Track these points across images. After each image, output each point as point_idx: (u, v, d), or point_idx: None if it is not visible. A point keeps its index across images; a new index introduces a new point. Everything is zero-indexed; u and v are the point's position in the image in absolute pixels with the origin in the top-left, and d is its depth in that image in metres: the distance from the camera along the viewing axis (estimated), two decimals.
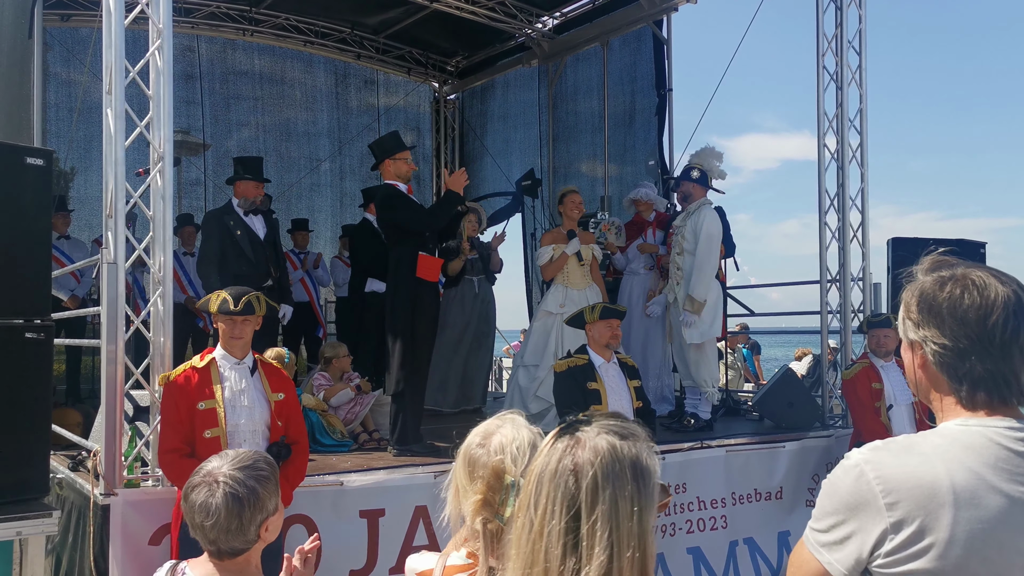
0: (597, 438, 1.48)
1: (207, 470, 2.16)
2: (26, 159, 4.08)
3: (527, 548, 1.45)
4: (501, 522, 1.96)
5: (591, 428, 1.50)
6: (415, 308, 5.75)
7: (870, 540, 1.55)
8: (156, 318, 4.70)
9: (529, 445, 2.02)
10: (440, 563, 2.08)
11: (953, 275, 1.67)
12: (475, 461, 2.02)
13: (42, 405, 4.12)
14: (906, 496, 1.54)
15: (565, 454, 1.47)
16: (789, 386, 7.35)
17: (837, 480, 1.62)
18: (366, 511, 5.02)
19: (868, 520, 1.56)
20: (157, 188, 4.72)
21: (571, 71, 11.04)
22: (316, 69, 11.71)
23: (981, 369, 1.62)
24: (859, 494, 1.57)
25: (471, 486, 2.01)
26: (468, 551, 2.06)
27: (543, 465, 1.48)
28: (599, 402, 4.99)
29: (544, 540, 1.43)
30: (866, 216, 7.49)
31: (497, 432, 2.05)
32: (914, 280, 1.72)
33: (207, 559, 2.18)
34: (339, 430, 6.15)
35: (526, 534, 1.46)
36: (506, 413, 2.11)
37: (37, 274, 4.18)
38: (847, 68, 7.40)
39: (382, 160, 6.02)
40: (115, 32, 4.59)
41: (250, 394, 4.42)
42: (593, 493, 1.43)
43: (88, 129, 9.69)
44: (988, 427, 1.61)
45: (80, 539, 4.73)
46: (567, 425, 1.51)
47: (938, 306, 1.65)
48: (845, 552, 1.58)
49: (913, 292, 1.70)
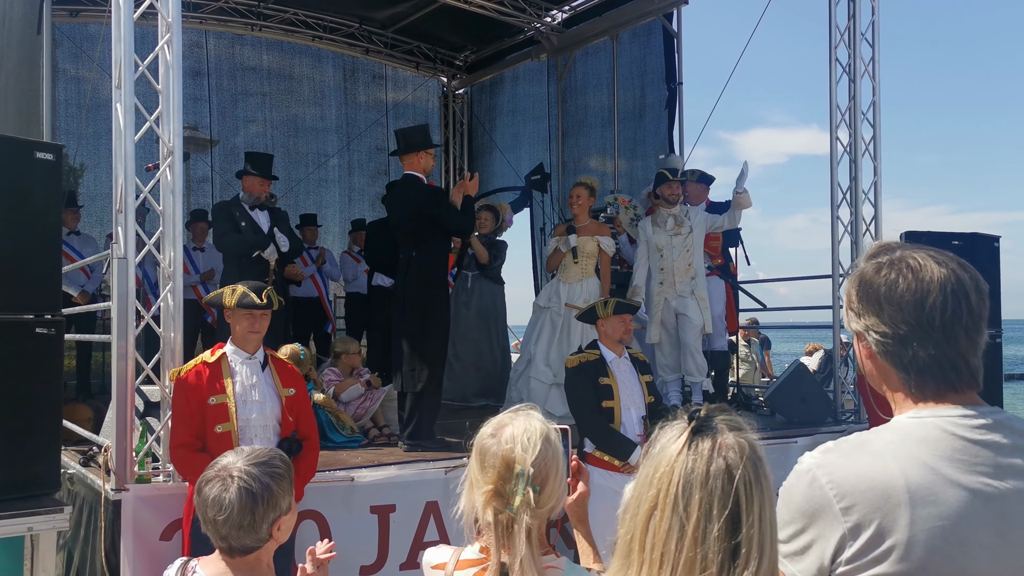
0: (732, 435, 1.43)
1: (222, 464, 2.13)
2: (36, 154, 4.06)
3: (678, 555, 1.38)
4: (512, 512, 1.95)
5: (720, 424, 1.44)
6: (434, 304, 5.74)
7: (830, 548, 1.48)
8: (166, 313, 4.69)
9: (540, 436, 2.00)
10: (454, 557, 2.07)
11: (890, 259, 1.59)
12: (486, 452, 2.01)
13: (52, 400, 4.10)
14: (860, 499, 1.46)
15: (714, 456, 1.40)
16: (801, 381, 7.30)
17: (791, 487, 1.54)
18: (377, 507, 5.00)
19: (825, 527, 1.48)
20: (167, 183, 4.70)
21: (580, 65, 11.00)
22: (324, 64, 11.69)
23: (924, 355, 1.54)
24: (813, 500, 1.49)
25: (483, 477, 2.00)
26: (481, 545, 2.05)
27: (688, 469, 1.40)
28: (611, 397, 4.96)
29: (701, 547, 1.36)
30: (879, 210, 7.43)
31: (510, 424, 2.04)
32: (856, 268, 1.65)
33: (218, 557, 2.16)
34: (349, 426, 6.13)
35: (675, 540, 1.38)
36: (521, 407, 2.09)
37: (47, 269, 4.16)
38: (860, 60, 7.34)
39: (414, 151, 5.96)
40: (124, 27, 4.57)
41: (261, 389, 4.41)
42: (749, 495, 1.38)
43: (97, 125, 9.70)
44: (941, 417, 1.53)
45: (91, 534, 4.72)
46: (700, 425, 1.44)
47: (875, 292, 1.57)
48: (807, 562, 1.50)
49: (853, 281, 1.63)
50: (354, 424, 6.20)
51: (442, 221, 5.86)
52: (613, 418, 4.96)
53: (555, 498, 2.00)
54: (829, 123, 7.41)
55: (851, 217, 7.38)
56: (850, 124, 7.36)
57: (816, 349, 12.56)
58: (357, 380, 6.55)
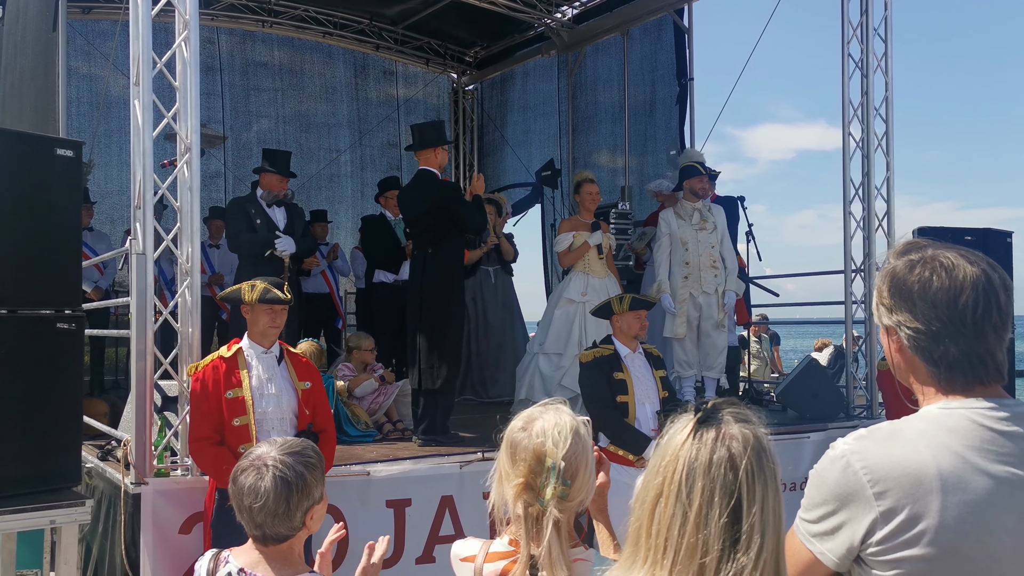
0: (738, 427, 1.48)
1: (256, 454, 2.17)
2: (56, 150, 4.09)
3: (680, 541, 1.44)
4: (542, 505, 1.98)
5: (726, 416, 1.50)
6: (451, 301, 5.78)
7: (860, 530, 1.55)
8: (184, 309, 4.72)
9: (571, 430, 2.03)
10: (483, 549, 2.09)
11: (922, 257, 1.65)
12: (517, 445, 2.04)
13: (74, 394, 4.14)
14: (894, 485, 1.54)
15: (717, 445, 1.46)
16: (813, 376, 7.31)
17: (824, 471, 1.61)
18: (392, 501, 5.03)
19: (857, 510, 1.56)
20: (184, 179, 4.73)
21: (591, 61, 11.00)
22: (335, 60, 11.71)
23: (956, 351, 1.61)
24: (846, 485, 1.57)
25: (513, 470, 2.03)
26: (510, 538, 2.07)
27: (692, 457, 1.46)
28: (625, 392, 4.98)
29: (702, 533, 1.42)
30: (891, 205, 7.43)
31: (540, 418, 2.07)
32: (886, 264, 1.71)
33: (251, 546, 2.19)
34: (364, 421, 6.17)
35: (678, 527, 1.44)
36: (550, 401, 2.12)
37: (68, 265, 4.19)
38: (872, 55, 7.33)
39: (429, 147, 5.99)
40: (142, 23, 4.60)
41: (277, 382, 4.46)
42: (751, 484, 1.44)
43: (108, 122, 9.74)
44: (969, 408, 1.60)
45: (110, 528, 4.76)
46: (705, 416, 1.50)
47: (908, 290, 1.63)
48: (836, 542, 1.58)
49: (884, 277, 1.69)
50: (368, 419, 6.23)
51: (458, 218, 5.88)
52: (627, 413, 4.98)
53: (585, 491, 2.03)
54: (841, 119, 7.41)
55: (863, 213, 7.38)
56: (862, 120, 7.35)
57: (825, 345, 12.54)
58: (371, 375, 6.58)
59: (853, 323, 7.60)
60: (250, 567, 2.16)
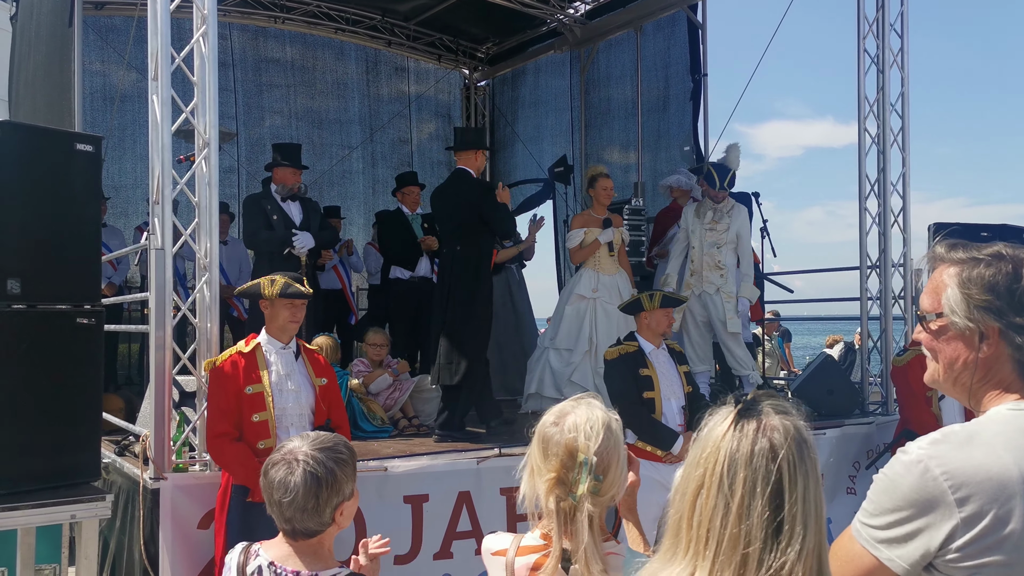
0: (778, 418, 1.48)
1: (288, 448, 2.17)
2: (76, 145, 4.09)
3: (723, 532, 1.43)
4: (574, 500, 1.98)
5: (766, 407, 1.49)
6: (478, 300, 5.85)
7: (939, 536, 1.51)
8: (202, 304, 4.73)
9: (603, 425, 2.03)
10: (515, 543, 2.09)
11: (999, 255, 1.64)
12: (549, 440, 2.04)
13: (93, 390, 4.15)
14: (977, 490, 1.50)
15: (759, 436, 1.45)
16: (828, 373, 7.29)
17: (897, 476, 1.57)
18: (410, 496, 5.03)
19: (937, 517, 1.51)
20: (202, 175, 4.74)
21: (603, 57, 10.96)
22: (347, 56, 11.69)
23: None
24: (925, 490, 1.53)
25: (545, 464, 2.03)
26: (542, 532, 2.07)
27: (733, 448, 1.46)
28: (651, 388, 4.97)
29: (744, 523, 1.42)
30: (907, 201, 7.40)
31: (572, 412, 2.06)
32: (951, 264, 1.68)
33: (282, 540, 2.19)
34: (380, 416, 6.17)
35: (720, 517, 1.44)
36: (582, 396, 2.11)
37: (87, 260, 4.20)
38: (889, 51, 7.30)
39: (471, 148, 6.21)
40: (161, 19, 4.60)
41: (295, 378, 4.46)
42: (792, 474, 1.43)
43: (122, 117, 9.74)
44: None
45: (128, 523, 4.77)
46: (745, 407, 1.49)
47: (1020, 292, 1.61)
48: (909, 548, 1.54)
49: (973, 276, 1.65)
50: (384, 415, 6.23)
51: (491, 220, 5.96)
52: (654, 408, 4.97)
53: (616, 486, 2.03)
54: (857, 114, 7.38)
55: (879, 209, 7.35)
56: (878, 115, 7.33)
57: (836, 341, 12.52)
58: (385, 370, 6.58)
59: (869, 319, 7.56)
60: (280, 560, 2.16)
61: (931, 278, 1.73)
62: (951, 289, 1.66)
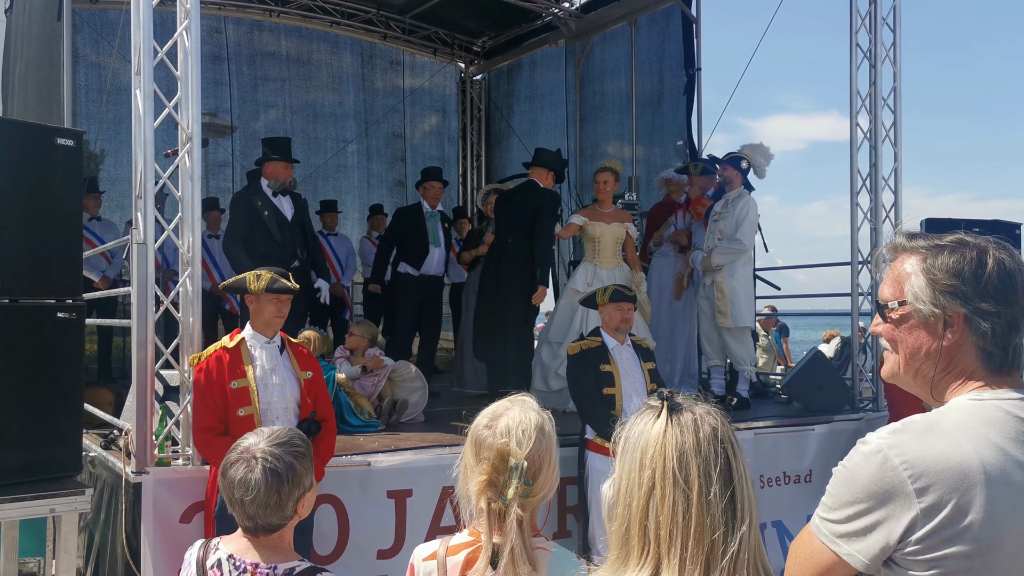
0: (702, 408, 1.52)
1: (244, 446, 2.18)
2: (56, 140, 4.10)
3: (687, 526, 1.44)
4: (504, 503, 1.99)
5: (686, 401, 1.53)
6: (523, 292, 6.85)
7: (898, 528, 1.49)
8: (185, 299, 4.73)
9: (536, 428, 2.04)
10: (443, 544, 2.11)
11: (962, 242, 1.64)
12: (481, 442, 2.05)
13: (74, 384, 4.16)
14: (936, 480, 1.48)
15: (699, 425, 1.49)
16: (818, 368, 7.28)
17: (856, 467, 1.55)
18: (394, 491, 5.03)
19: (896, 508, 1.49)
20: (186, 169, 4.73)
21: (598, 51, 10.95)
22: (342, 50, 11.68)
23: (1017, 339, 1.60)
24: (884, 481, 1.50)
25: (477, 467, 2.04)
26: (470, 531, 2.08)
27: (680, 442, 1.47)
28: (612, 384, 4.96)
29: (708, 512, 1.43)
30: (899, 197, 7.38)
31: (505, 414, 2.07)
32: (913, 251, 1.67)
33: (241, 535, 2.20)
34: (367, 411, 6.16)
35: (682, 513, 1.44)
36: (517, 395, 2.12)
37: (68, 254, 4.21)
38: (881, 45, 7.27)
39: (544, 167, 7.24)
40: (143, 12, 4.59)
41: (280, 372, 4.47)
42: (735, 450, 1.48)
43: (118, 111, 9.72)
44: (1001, 399, 1.57)
45: (112, 517, 4.78)
46: (672, 404, 1.52)
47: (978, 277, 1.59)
48: (869, 542, 1.51)
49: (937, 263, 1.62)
50: (372, 409, 6.22)
51: (540, 228, 6.94)
52: (614, 405, 4.95)
53: (547, 488, 2.06)
54: (849, 109, 7.36)
55: (871, 204, 7.33)
56: (870, 110, 7.30)
57: (833, 336, 12.48)
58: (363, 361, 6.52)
59: (860, 314, 7.54)
60: (239, 554, 2.17)
61: (891, 267, 1.71)
62: (915, 276, 1.64)
